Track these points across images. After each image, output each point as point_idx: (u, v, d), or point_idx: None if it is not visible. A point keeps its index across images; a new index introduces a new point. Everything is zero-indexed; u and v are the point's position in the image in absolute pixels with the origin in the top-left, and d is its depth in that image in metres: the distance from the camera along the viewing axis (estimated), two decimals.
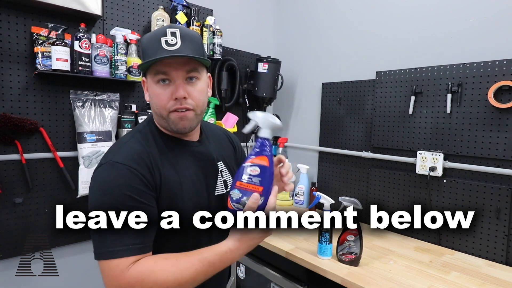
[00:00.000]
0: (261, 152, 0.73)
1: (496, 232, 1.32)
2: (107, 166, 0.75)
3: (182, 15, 1.70)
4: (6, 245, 1.33)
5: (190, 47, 0.78)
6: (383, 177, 1.69)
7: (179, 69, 0.78)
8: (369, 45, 1.80)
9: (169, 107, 0.79)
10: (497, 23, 1.34)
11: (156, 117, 0.84)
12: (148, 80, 0.82)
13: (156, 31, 0.79)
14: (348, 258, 1.24)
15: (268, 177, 0.71)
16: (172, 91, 0.78)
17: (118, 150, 0.78)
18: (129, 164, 0.74)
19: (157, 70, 0.77)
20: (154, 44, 0.77)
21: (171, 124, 0.81)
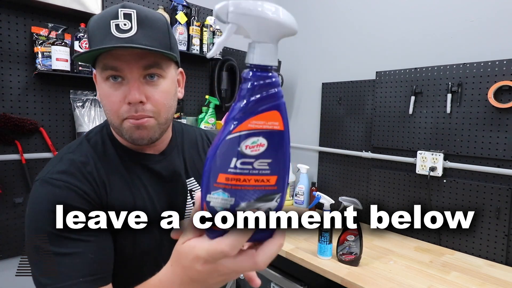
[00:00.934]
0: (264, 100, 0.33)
1: (496, 232, 1.32)
2: (39, 184, 0.59)
3: (182, 15, 1.70)
4: (6, 245, 1.33)
5: (150, 35, 0.59)
6: (383, 177, 1.69)
7: (133, 64, 0.58)
8: (369, 45, 1.80)
9: (121, 114, 0.60)
10: (497, 23, 1.34)
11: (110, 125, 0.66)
12: (97, 76, 0.62)
13: (106, 12, 0.59)
14: (348, 258, 1.24)
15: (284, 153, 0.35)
16: (126, 92, 0.59)
17: (56, 164, 0.61)
18: (66, 180, 0.58)
19: (104, 64, 0.59)
20: (102, 28, 0.58)
21: (125, 134, 0.62)
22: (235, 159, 0.33)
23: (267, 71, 0.33)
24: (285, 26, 0.33)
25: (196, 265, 0.37)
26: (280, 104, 0.33)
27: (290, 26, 0.33)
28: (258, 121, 0.33)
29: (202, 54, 1.81)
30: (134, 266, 0.66)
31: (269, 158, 0.34)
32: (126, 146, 0.68)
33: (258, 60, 0.33)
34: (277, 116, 0.33)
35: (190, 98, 1.89)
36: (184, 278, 0.40)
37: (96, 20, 0.60)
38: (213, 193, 0.34)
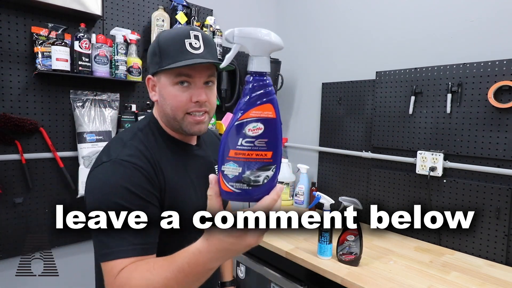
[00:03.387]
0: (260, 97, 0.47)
1: (496, 232, 1.32)
2: (110, 164, 0.71)
3: (182, 15, 1.70)
4: (6, 245, 1.33)
5: (211, 52, 0.80)
6: (383, 177, 1.69)
7: (202, 73, 0.78)
8: (369, 45, 1.80)
9: (186, 109, 0.78)
10: (497, 23, 1.34)
11: (165, 118, 0.82)
12: (162, 81, 0.79)
13: (178, 32, 0.77)
14: (348, 258, 1.24)
15: (277, 134, 0.48)
16: (192, 94, 0.78)
17: (122, 149, 0.75)
18: (135, 162, 0.71)
19: (180, 72, 0.76)
20: (177, 45, 0.75)
21: (184, 127, 0.80)
22: (241, 139, 0.47)
23: (262, 75, 0.47)
24: (274, 44, 0.48)
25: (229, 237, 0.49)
26: (273, 99, 0.48)
27: (278, 44, 0.49)
28: (257, 111, 0.46)
29: None
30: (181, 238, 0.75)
31: (265, 138, 0.47)
32: (173, 137, 0.84)
33: (256, 68, 0.47)
34: (270, 108, 0.47)
35: None
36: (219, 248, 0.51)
37: (170, 38, 0.77)
38: (226, 164, 0.48)
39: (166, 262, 0.60)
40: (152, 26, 1.64)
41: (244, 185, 0.48)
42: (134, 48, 1.56)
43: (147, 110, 1.64)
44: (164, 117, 0.82)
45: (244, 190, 0.48)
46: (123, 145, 0.76)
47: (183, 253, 0.57)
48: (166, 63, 0.76)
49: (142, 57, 1.66)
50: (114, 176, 0.70)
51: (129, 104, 1.61)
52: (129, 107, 1.60)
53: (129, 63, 1.54)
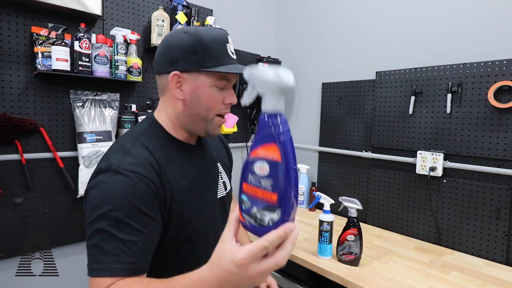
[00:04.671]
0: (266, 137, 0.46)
1: (496, 232, 1.32)
2: (113, 174, 0.67)
3: (182, 15, 1.70)
4: (6, 245, 1.33)
5: None
6: (383, 177, 1.69)
7: (235, 78, 0.80)
8: (369, 45, 1.80)
9: (218, 110, 0.79)
10: (497, 23, 1.34)
11: (188, 118, 0.78)
12: (199, 81, 0.75)
13: (219, 33, 0.76)
14: (348, 258, 1.24)
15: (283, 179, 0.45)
16: (225, 96, 0.79)
17: (124, 156, 0.70)
18: (139, 172, 0.68)
19: (223, 76, 0.76)
20: (222, 48, 0.75)
21: (209, 127, 0.80)
22: (250, 175, 0.48)
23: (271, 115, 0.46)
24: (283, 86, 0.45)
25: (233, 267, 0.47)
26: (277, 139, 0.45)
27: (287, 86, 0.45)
28: (262, 151, 0.46)
29: None
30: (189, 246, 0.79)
31: (271, 179, 0.45)
32: (177, 138, 0.82)
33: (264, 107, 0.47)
34: (274, 149, 0.45)
35: None
36: (221, 278, 0.49)
37: (213, 39, 0.75)
38: (241, 195, 0.50)
39: (163, 284, 0.58)
40: (152, 26, 1.64)
41: (252, 220, 0.48)
42: (134, 48, 1.56)
43: (147, 110, 1.64)
44: (187, 116, 0.78)
45: (252, 225, 0.48)
46: (125, 152, 0.72)
47: (182, 278, 0.55)
48: (210, 64, 0.73)
49: (142, 57, 1.66)
50: (117, 188, 0.66)
51: (129, 104, 1.61)
52: (129, 107, 1.60)
53: (129, 63, 1.54)
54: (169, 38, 0.77)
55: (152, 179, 0.69)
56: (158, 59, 0.79)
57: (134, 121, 1.56)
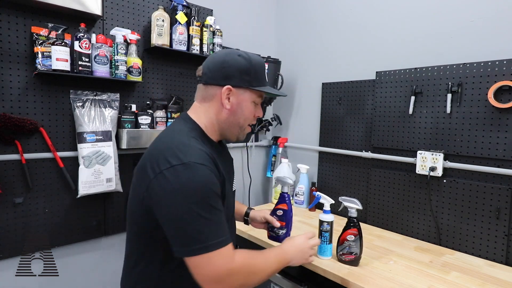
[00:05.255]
0: (282, 201, 1.21)
1: (496, 232, 1.32)
2: (185, 167, 0.77)
3: (182, 15, 1.70)
4: (6, 245, 1.33)
5: None
6: (383, 177, 1.69)
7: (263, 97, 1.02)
8: (369, 45, 1.80)
9: (250, 121, 1.00)
10: (497, 23, 1.34)
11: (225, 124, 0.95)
12: (245, 96, 0.94)
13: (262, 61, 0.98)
14: (348, 258, 1.24)
15: (288, 216, 1.20)
16: (256, 111, 1.00)
17: (189, 151, 0.81)
18: (207, 165, 0.80)
19: (261, 94, 0.98)
20: (263, 73, 0.97)
21: (241, 134, 1.00)
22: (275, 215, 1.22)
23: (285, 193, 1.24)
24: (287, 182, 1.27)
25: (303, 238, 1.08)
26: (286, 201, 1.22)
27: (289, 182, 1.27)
28: (280, 206, 1.22)
29: (202, 54, 1.81)
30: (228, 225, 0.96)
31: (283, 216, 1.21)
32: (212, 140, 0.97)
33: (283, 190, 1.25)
34: (284, 205, 1.21)
35: (189, 98, 1.88)
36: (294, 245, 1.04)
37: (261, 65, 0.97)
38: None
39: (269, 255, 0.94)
40: (152, 26, 1.64)
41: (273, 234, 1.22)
42: (134, 48, 1.56)
43: (147, 110, 1.64)
44: (228, 123, 0.95)
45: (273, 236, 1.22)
46: (188, 147, 0.82)
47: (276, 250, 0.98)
48: (256, 84, 0.93)
49: (142, 57, 1.66)
50: (197, 178, 0.77)
51: (129, 104, 1.61)
52: (129, 107, 1.60)
53: (129, 63, 1.54)
54: (224, 58, 0.92)
55: (215, 171, 0.83)
56: (210, 73, 0.92)
57: (134, 121, 1.56)
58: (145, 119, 1.58)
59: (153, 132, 1.59)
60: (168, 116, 1.68)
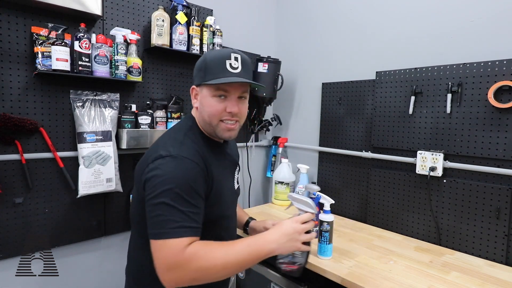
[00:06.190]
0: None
1: (496, 232, 1.32)
2: (173, 159, 0.84)
3: (182, 15, 1.70)
4: (6, 245, 1.33)
5: (248, 72, 0.96)
6: (383, 177, 1.69)
7: (237, 89, 0.93)
8: (369, 45, 1.80)
9: (220, 117, 0.94)
10: (497, 23, 1.34)
11: (203, 122, 0.98)
12: (203, 92, 0.95)
13: (221, 53, 0.93)
14: (289, 268, 1.04)
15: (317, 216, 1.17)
16: (227, 105, 0.93)
17: (180, 146, 0.88)
18: (193, 159, 0.86)
19: (219, 87, 0.92)
20: (220, 64, 0.91)
21: (218, 132, 0.95)
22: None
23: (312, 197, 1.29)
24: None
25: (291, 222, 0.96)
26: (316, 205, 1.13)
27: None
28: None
29: (202, 54, 1.81)
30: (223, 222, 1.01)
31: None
32: (210, 138, 1.00)
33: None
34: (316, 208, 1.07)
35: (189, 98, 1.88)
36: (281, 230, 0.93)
37: (214, 58, 0.93)
38: None
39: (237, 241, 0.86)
40: (152, 26, 1.64)
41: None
42: (134, 48, 1.56)
43: (147, 110, 1.64)
44: (202, 121, 0.98)
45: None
46: (180, 143, 0.89)
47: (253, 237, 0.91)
48: (208, 78, 0.91)
49: (142, 57, 1.66)
50: (178, 170, 0.83)
51: (129, 104, 1.61)
52: (129, 107, 1.60)
53: (129, 63, 1.54)
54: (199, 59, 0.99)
55: (202, 166, 0.87)
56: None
57: (134, 121, 1.56)
58: (145, 119, 1.58)
59: (153, 132, 1.59)
60: (168, 116, 1.68)
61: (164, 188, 0.80)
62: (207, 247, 0.81)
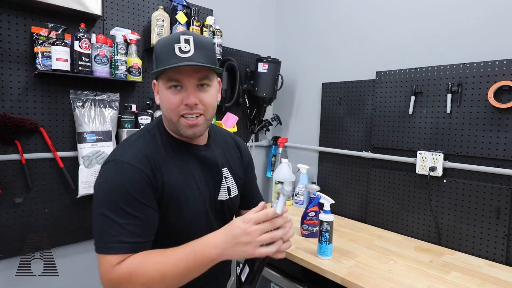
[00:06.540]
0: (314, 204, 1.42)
1: (496, 232, 1.32)
2: (113, 164, 0.77)
3: (182, 15, 1.70)
4: (6, 245, 1.33)
5: (203, 55, 0.79)
6: (383, 177, 1.69)
7: (191, 76, 0.79)
8: (369, 45, 1.80)
9: (179, 112, 0.80)
10: (497, 23, 1.34)
11: (166, 120, 0.86)
12: (160, 85, 0.83)
13: (170, 37, 0.80)
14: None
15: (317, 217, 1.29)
16: (184, 97, 0.79)
17: (126, 149, 0.80)
18: (134, 164, 0.76)
19: (169, 77, 0.79)
20: (168, 50, 0.78)
21: (180, 130, 0.82)
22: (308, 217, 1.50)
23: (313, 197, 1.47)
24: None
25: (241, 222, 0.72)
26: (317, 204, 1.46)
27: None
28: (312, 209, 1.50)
29: None
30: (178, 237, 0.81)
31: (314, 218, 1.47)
32: (178, 138, 0.87)
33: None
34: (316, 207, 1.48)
35: None
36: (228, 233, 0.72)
37: (162, 44, 0.80)
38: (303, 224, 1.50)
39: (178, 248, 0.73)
40: (152, 26, 1.64)
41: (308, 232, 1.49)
42: (134, 48, 1.56)
43: (147, 110, 1.64)
44: (165, 119, 0.86)
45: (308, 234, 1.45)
46: (128, 146, 0.81)
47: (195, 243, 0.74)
48: (157, 67, 0.80)
49: (142, 57, 1.66)
50: (118, 177, 0.75)
51: (129, 104, 1.61)
52: (129, 107, 1.60)
53: (129, 63, 1.54)
54: None
55: (146, 171, 0.77)
56: None
57: (134, 121, 1.57)
58: (145, 119, 1.58)
59: None
60: None
61: (103, 197, 0.74)
62: (142, 259, 0.71)
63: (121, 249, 0.71)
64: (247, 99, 2.17)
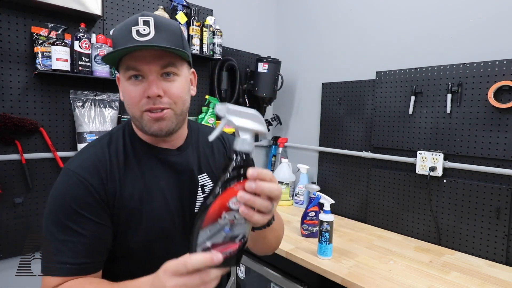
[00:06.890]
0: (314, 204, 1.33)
1: (496, 232, 1.32)
2: (62, 173, 0.69)
3: (182, 15, 1.70)
4: (6, 245, 1.33)
5: (166, 38, 0.67)
6: (383, 177, 1.69)
7: (152, 63, 0.66)
8: (369, 45, 1.80)
9: (141, 106, 0.67)
10: (497, 23, 1.34)
11: (132, 119, 0.73)
12: (120, 77, 0.71)
13: (128, 20, 0.68)
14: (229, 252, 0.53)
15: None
16: (145, 88, 0.66)
17: (77, 155, 0.71)
18: (80, 174, 0.66)
19: (127, 65, 0.66)
20: (124, 34, 0.66)
21: (145, 126, 0.69)
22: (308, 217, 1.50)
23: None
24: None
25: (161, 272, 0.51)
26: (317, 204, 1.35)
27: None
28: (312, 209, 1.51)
29: (202, 54, 1.81)
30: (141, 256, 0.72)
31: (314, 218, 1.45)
32: (145, 140, 0.75)
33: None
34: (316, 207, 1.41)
35: None
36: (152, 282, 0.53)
37: (119, 28, 0.68)
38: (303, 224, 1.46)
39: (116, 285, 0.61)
40: None
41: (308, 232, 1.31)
42: None
43: None
44: (131, 117, 0.73)
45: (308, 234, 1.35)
46: (81, 152, 0.73)
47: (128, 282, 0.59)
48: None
49: None
50: (60, 188, 0.67)
51: None
52: None
53: None
54: None
55: (92, 182, 0.66)
56: None
57: None
58: None
59: None
60: None
61: (48, 210, 0.66)
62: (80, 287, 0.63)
63: (59, 270, 0.63)
64: (247, 99, 2.17)
